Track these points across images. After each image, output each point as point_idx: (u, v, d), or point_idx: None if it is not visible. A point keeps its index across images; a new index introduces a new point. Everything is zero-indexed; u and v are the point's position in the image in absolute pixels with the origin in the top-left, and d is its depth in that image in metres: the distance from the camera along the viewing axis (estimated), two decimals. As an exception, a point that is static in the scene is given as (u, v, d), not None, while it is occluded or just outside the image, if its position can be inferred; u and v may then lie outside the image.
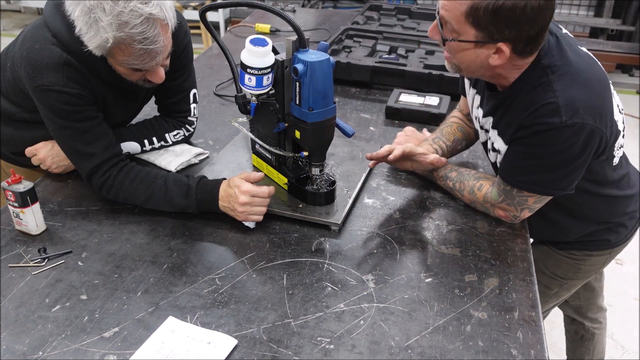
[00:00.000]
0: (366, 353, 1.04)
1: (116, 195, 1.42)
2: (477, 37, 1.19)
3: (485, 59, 1.22)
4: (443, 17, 1.22)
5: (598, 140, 1.24)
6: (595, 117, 1.21)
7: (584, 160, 1.26)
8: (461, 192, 1.46)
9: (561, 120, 1.18)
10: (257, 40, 1.27)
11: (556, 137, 1.21)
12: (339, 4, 5.37)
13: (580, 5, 5.66)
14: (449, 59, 1.30)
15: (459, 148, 1.63)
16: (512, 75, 1.27)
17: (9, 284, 1.18)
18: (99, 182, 1.41)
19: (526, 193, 1.33)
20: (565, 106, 1.19)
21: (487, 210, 1.42)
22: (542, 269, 1.57)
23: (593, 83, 1.25)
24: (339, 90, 2.15)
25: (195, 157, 1.64)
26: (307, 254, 1.29)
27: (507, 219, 1.40)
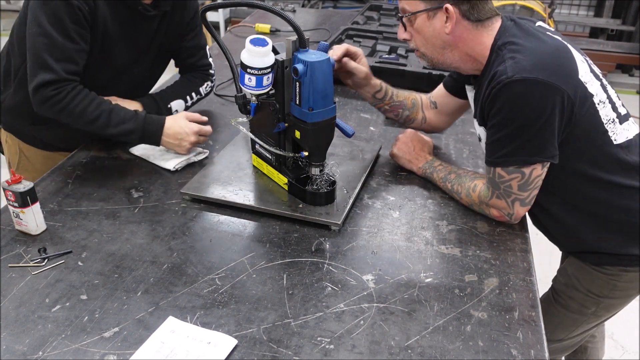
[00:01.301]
0: (366, 353, 1.04)
1: (60, 110, 1.45)
2: (426, 6, 1.33)
3: (441, 28, 1.33)
4: (400, 9, 1.38)
5: (559, 98, 1.22)
6: (548, 73, 1.21)
7: (549, 120, 1.23)
8: (459, 194, 1.46)
9: (507, 76, 1.22)
10: (257, 40, 1.27)
11: (509, 95, 1.23)
12: (339, 4, 5.37)
13: (580, 5, 5.67)
14: (419, 54, 1.43)
15: (397, 112, 1.66)
16: (481, 53, 1.34)
17: (9, 284, 1.18)
18: (48, 95, 1.43)
19: (506, 175, 1.31)
20: (511, 66, 1.23)
21: (483, 211, 1.42)
22: (575, 284, 1.50)
23: (544, 49, 1.27)
24: (339, 90, 2.15)
25: (194, 157, 1.64)
26: (307, 254, 1.29)
27: (503, 218, 1.39)
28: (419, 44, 1.40)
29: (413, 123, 1.70)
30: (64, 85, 1.45)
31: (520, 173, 1.30)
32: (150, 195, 1.49)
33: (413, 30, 1.38)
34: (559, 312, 1.56)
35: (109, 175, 1.57)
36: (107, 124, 1.50)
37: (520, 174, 1.31)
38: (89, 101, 1.48)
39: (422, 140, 1.64)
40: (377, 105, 1.68)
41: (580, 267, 1.49)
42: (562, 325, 1.59)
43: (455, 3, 1.29)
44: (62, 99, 1.45)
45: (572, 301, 1.53)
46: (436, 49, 1.38)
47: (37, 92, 1.45)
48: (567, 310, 1.55)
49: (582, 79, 1.27)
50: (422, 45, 1.40)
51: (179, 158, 1.61)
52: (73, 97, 1.46)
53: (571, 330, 1.59)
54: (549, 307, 1.58)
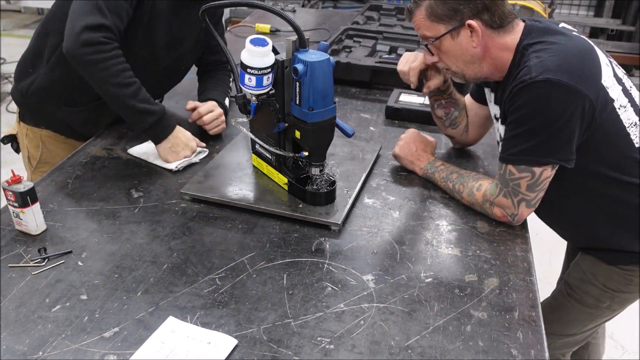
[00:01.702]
0: (366, 353, 1.04)
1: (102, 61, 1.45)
2: (447, 28, 1.34)
3: (469, 45, 1.34)
4: (421, 36, 1.40)
5: (580, 103, 1.22)
6: (571, 76, 1.21)
7: (567, 123, 1.24)
8: (460, 194, 1.46)
9: (531, 76, 1.23)
10: (257, 40, 1.27)
11: (530, 95, 1.24)
12: (339, 4, 5.37)
13: (580, 5, 5.67)
14: (450, 72, 1.45)
15: (449, 110, 1.65)
16: (505, 57, 1.35)
17: (9, 284, 1.18)
18: (96, 39, 1.43)
19: (517, 173, 1.31)
20: (536, 65, 1.24)
21: (485, 211, 1.42)
22: (591, 280, 1.50)
23: (570, 49, 1.27)
24: (339, 90, 2.15)
25: (195, 157, 1.64)
26: (307, 254, 1.29)
27: (505, 219, 1.39)
28: (449, 64, 1.41)
29: (456, 128, 1.68)
30: (113, 39, 1.47)
31: (531, 172, 1.30)
32: (150, 195, 1.49)
33: (441, 54, 1.40)
34: (574, 307, 1.56)
35: (109, 175, 1.57)
36: (135, 95, 1.51)
37: (530, 174, 1.31)
38: (127, 67, 1.50)
39: (425, 141, 1.63)
40: (434, 98, 1.64)
41: (595, 263, 1.50)
42: (576, 320, 1.59)
43: (475, 16, 1.31)
44: (108, 50, 1.45)
45: (587, 296, 1.53)
46: (467, 65, 1.39)
47: (85, 32, 1.43)
48: (581, 304, 1.55)
49: (605, 84, 1.28)
50: (452, 64, 1.41)
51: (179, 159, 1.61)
52: (117, 55, 1.47)
53: (585, 324, 1.59)
54: (562, 303, 1.59)
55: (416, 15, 1.37)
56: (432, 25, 1.35)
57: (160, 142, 1.60)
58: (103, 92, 1.52)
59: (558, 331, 1.62)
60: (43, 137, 1.81)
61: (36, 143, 1.82)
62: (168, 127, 1.60)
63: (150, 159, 1.63)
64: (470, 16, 1.31)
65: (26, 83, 1.71)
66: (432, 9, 1.33)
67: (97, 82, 1.50)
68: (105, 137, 1.77)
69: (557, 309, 1.60)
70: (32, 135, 1.82)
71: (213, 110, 1.73)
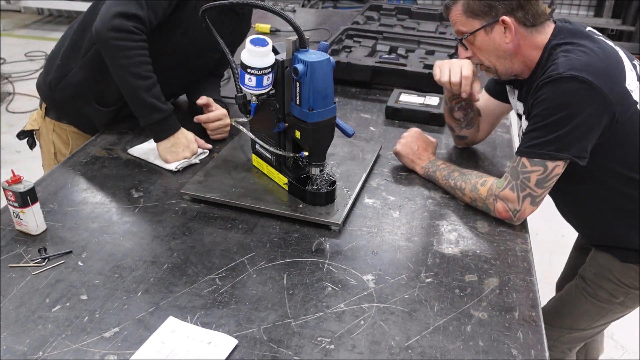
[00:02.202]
0: (366, 353, 1.04)
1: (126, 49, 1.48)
2: (481, 23, 1.38)
3: (502, 40, 1.37)
4: (456, 32, 1.44)
5: (602, 103, 1.25)
6: (597, 76, 1.24)
7: (585, 122, 1.26)
8: (462, 190, 1.46)
9: (558, 72, 1.26)
10: (257, 40, 1.27)
11: (555, 90, 1.26)
12: (339, 4, 5.38)
13: (580, 5, 5.67)
14: (483, 67, 1.47)
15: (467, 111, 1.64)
16: (535, 55, 1.38)
17: (9, 284, 1.18)
18: (127, 27, 1.47)
19: (529, 166, 1.32)
20: (563, 63, 1.27)
21: (487, 208, 1.41)
22: (607, 275, 1.51)
23: (597, 52, 1.29)
24: (339, 90, 2.15)
25: (195, 158, 1.64)
26: (307, 254, 1.29)
27: (506, 215, 1.38)
28: (482, 60, 1.44)
29: (472, 127, 1.69)
30: (143, 31, 1.50)
31: (543, 166, 1.31)
32: (150, 195, 1.49)
33: (475, 49, 1.43)
34: (587, 301, 1.57)
35: (109, 175, 1.57)
36: (149, 89, 1.53)
37: (542, 168, 1.31)
38: (149, 60, 1.53)
39: (427, 140, 1.63)
40: (456, 101, 1.64)
41: (611, 259, 1.51)
42: (588, 314, 1.60)
43: (510, 13, 1.34)
44: (136, 40, 1.48)
45: (601, 290, 1.54)
46: (500, 61, 1.42)
47: (118, 18, 1.46)
48: (595, 299, 1.56)
49: (629, 87, 1.31)
50: (485, 59, 1.44)
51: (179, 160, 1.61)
52: (143, 47, 1.50)
53: (595, 319, 1.60)
54: (575, 296, 1.60)
55: (453, 11, 1.42)
56: (467, 21, 1.39)
57: (160, 141, 1.60)
58: (119, 78, 1.53)
59: (568, 325, 1.63)
60: (70, 134, 1.82)
61: (65, 139, 1.83)
62: (171, 127, 1.60)
63: (150, 159, 1.63)
64: (504, 13, 1.34)
65: (56, 76, 1.72)
66: (468, 5, 1.38)
67: (116, 68, 1.52)
68: (105, 137, 1.77)
69: (569, 302, 1.62)
70: (60, 132, 1.83)
71: (222, 119, 1.73)
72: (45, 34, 6.25)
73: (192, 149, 1.63)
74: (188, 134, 1.64)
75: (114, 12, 1.47)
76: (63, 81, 1.71)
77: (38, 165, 1.95)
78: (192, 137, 1.65)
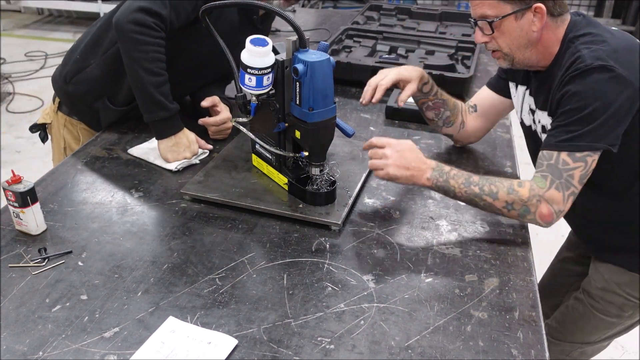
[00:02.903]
0: (366, 353, 1.04)
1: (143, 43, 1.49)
2: (513, 8, 1.32)
3: (529, 27, 1.33)
4: (479, 15, 1.36)
5: (630, 90, 1.24)
6: (623, 66, 1.24)
7: (618, 110, 1.24)
8: (494, 195, 1.31)
9: (586, 64, 1.25)
10: (257, 40, 1.27)
11: (587, 82, 1.25)
12: (339, 4, 5.37)
13: (580, 5, 5.67)
14: (499, 55, 1.41)
15: (439, 110, 1.66)
16: (553, 47, 1.36)
17: (9, 284, 1.18)
18: (146, 22, 1.48)
19: (571, 163, 1.26)
20: (589, 55, 1.26)
21: (527, 211, 1.30)
22: (614, 289, 1.49)
23: (617, 41, 1.29)
24: (339, 90, 2.15)
25: (195, 158, 1.64)
26: (307, 254, 1.29)
27: (550, 217, 1.29)
28: (502, 45, 1.38)
29: (451, 126, 1.68)
30: (162, 29, 1.50)
31: (584, 162, 1.27)
32: (150, 195, 1.49)
33: (498, 33, 1.36)
34: (595, 316, 1.55)
35: (109, 175, 1.57)
36: (159, 86, 1.53)
37: (583, 163, 1.27)
38: (163, 58, 1.53)
39: (412, 146, 1.41)
40: (421, 101, 1.66)
41: (618, 271, 1.48)
42: (598, 329, 1.58)
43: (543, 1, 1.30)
44: (154, 36, 1.49)
45: (610, 306, 1.52)
46: (520, 49, 1.37)
47: (140, 12, 1.48)
48: (604, 315, 1.53)
49: None
50: (506, 46, 1.38)
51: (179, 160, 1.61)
52: (160, 44, 1.51)
53: (604, 333, 1.59)
54: (584, 313, 1.57)
55: None
56: (497, 4, 1.32)
57: (162, 139, 1.60)
58: (131, 71, 1.54)
59: (579, 339, 1.62)
60: (80, 130, 1.83)
61: (75, 135, 1.84)
62: (175, 126, 1.60)
63: (150, 159, 1.63)
64: None
65: (73, 69, 1.73)
66: None
67: (130, 60, 1.53)
68: (105, 137, 1.77)
69: (579, 319, 1.59)
70: (72, 127, 1.84)
71: (226, 122, 1.73)
72: (45, 34, 6.25)
73: (193, 150, 1.63)
74: (190, 135, 1.64)
75: (137, 6, 1.48)
76: (79, 75, 1.72)
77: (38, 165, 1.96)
78: (194, 138, 1.65)
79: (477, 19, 1.37)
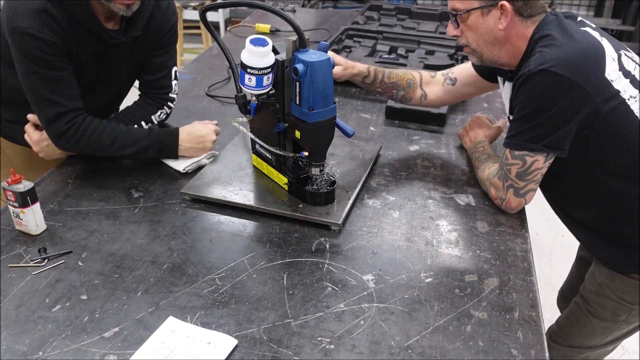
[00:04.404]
0: (366, 353, 1.04)
1: (77, 143, 1.47)
2: (480, 3, 1.35)
3: (494, 25, 1.36)
4: (451, 8, 1.41)
5: (576, 93, 1.25)
6: (568, 69, 1.24)
7: (559, 113, 1.27)
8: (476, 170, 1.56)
9: (529, 69, 1.27)
10: (257, 40, 1.27)
11: (526, 87, 1.29)
12: (339, 4, 5.37)
13: (580, 5, 5.66)
14: (469, 50, 1.46)
15: (391, 93, 1.73)
16: (521, 47, 1.39)
17: (9, 284, 1.18)
18: (61, 130, 1.45)
19: (510, 159, 1.37)
20: (535, 60, 1.28)
21: (486, 189, 1.49)
22: (607, 293, 1.49)
23: (574, 45, 1.29)
24: (339, 90, 2.15)
25: (206, 159, 1.63)
26: (307, 254, 1.29)
27: (496, 200, 1.45)
28: (470, 41, 1.43)
29: (410, 101, 1.75)
30: (74, 117, 1.46)
31: (522, 160, 1.35)
32: (150, 195, 1.49)
33: (465, 27, 1.42)
34: (591, 321, 1.55)
35: (109, 175, 1.57)
36: (124, 144, 1.52)
37: (521, 162, 1.36)
38: (102, 128, 1.50)
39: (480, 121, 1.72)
40: (370, 89, 1.74)
41: (610, 275, 1.48)
42: (595, 333, 1.58)
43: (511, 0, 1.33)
44: (75, 131, 1.46)
45: (604, 310, 1.52)
46: (487, 45, 1.41)
47: (50, 128, 1.46)
48: (598, 319, 1.54)
49: (609, 77, 1.29)
50: (473, 41, 1.43)
51: (190, 159, 1.61)
52: (86, 128, 1.47)
53: (604, 337, 1.59)
54: (580, 316, 1.58)
55: None
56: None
57: (177, 155, 1.60)
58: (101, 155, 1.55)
59: (579, 344, 1.62)
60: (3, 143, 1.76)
61: None
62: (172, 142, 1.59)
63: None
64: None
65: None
66: None
67: (90, 153, 1.54)
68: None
69: (576, 322, 1.60)
70: None
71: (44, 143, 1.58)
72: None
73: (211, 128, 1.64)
74: (194, 125, 1.64)
75: (43, 121, 1.46)
76: None
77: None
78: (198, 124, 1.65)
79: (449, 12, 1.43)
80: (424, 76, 1.75)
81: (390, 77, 1.72)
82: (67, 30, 1.39)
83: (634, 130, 1.31)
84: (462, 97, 1.79)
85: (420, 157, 1.71)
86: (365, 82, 1.71)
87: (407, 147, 1.77)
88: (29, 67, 1.39)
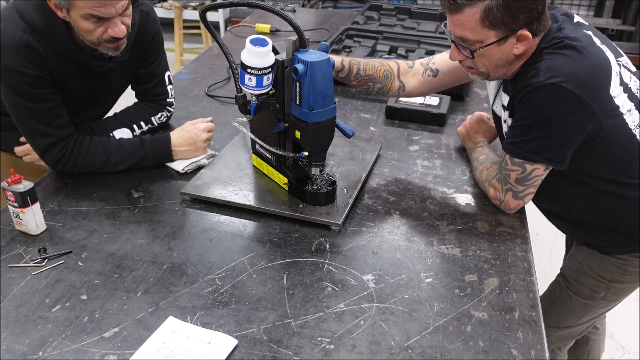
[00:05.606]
0: (366, 353, 1.04)
1: (73, 166, 1.50)
2: (497, 35, 1.27)
3: (510, 50, 1.30)
4: (458, 36, 1.30)
5: (584, 112, 1.25)
6: (578, 85, 1.23)
7: (564, 128, 1.27)
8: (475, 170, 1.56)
9: (538, 81, 1.25)
10: (257, 40, 1.27)
11: (533, 98, 1.27)
12: (339, 4, 5.36)
13: (580, 5, 5.66)
14: (474, 71, 1.40)
15: (367, 85, 1.65)
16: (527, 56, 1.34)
17: (9, 284, 1.18)
18: (55, 158, 1.48)
19: (509, 165, 1.37)
20: (544, 70, 1.26)
21: (485, 189, 1.49)
22: (587, 271, 1.53)
23: (581, 58, 1.26)
24: (339, 90, 2.15)
25: (205, 159, 1.63)
26: (307, 254, 1.29)
27: (495, 200, 1.45)
28: (479, 65, 1.36)
29: (388, 94, 1.70)
30: (66, 144, 1.49)
31: (522, 167, 1.36)
32: (150, 195, 1.49)
33: (477, 56, 1.32)
34: (570, 298, 1.59)
35: (109, 175, 1.57)
36: (119, 160, 1.54)
37: (521, 168, 1.36)
38: (94, 147, 1.52)
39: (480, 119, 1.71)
40: (345, 82, 1.67)
41: (590, 253, 1.53)
42: (573, 311, 1.61)
43: (528, 25, 1.25)
44: (69, 157, 1.49)
45: (583, 287, 1.56)
46: (498, 69, 1.36)
47: (46, 157, 1.50)
48: (578, 296, 1.57)
49: (612, 94, 1.29)
50: (483, 66, 1.35)
51: (188, 160, 1.61)
52: (78, 151, 1.50)
53: (581, 316, 1.61)
54: (559, 295, 1.61)
55: (466, 14, 1.25)
56: (481, 31, 1.26)
57: (172, 159, 1.61)
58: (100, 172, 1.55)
59: (555, 323, 1.64)
60: None
61: None
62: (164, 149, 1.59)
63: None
64: (524, 24, 1.25)
65: None
66: (490, 14, 1.23)
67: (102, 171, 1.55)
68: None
69: (555, 301, 1.63)
70: None
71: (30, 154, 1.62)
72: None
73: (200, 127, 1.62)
74: (184, 127, 1.63)
75: (37, 151, 1.50)
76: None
77: (38, 165, 1.95)
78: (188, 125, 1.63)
79: (456, 40, 1.32)
80: (402, 66, 1.66)
81: (366, 70, 1.62)
82: (52, 61, 1.40)
83: (627, 144, 1.34)
84: (443, 87, 1.69)
85: (420, 157, 1.71)
86: (340, 76, 1.62)
87: (407, 147, 1.77)
88: (17, 102, 1.42)
